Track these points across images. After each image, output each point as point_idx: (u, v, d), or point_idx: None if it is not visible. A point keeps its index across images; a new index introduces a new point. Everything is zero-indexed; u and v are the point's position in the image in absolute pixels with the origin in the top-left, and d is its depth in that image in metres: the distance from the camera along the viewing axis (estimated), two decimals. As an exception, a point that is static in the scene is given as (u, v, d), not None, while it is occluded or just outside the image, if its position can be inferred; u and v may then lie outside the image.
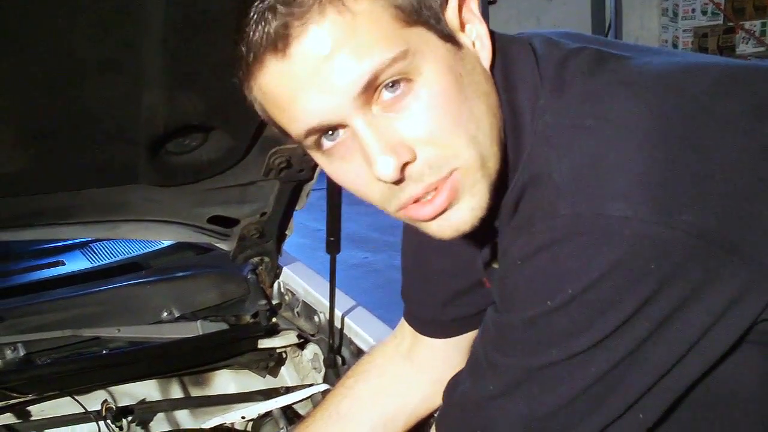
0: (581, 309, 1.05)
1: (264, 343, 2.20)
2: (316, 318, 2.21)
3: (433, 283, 1.49)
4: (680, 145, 1.03)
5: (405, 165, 1.05)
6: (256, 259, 2.33)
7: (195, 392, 2.18)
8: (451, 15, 1.09)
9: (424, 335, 1.55)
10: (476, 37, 1.12)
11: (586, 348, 1.06)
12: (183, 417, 2.12)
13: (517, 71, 1.14)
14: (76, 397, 1.98)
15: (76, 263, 2.37)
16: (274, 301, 2.33)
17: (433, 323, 1.53)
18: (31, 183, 1.91)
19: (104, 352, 2.08)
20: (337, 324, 2.12)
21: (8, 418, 1.94)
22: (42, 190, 1.93)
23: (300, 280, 2.30)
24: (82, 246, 2.43)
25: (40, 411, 1.98)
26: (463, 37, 1.11)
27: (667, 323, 1.05)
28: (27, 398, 1.94)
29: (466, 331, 1.51)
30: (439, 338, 1.54)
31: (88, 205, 1.99)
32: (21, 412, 1.96)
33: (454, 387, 1.26)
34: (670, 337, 1.06)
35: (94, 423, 1.91)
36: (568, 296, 1.05)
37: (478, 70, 1.11)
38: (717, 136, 1.05)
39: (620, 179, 1.03)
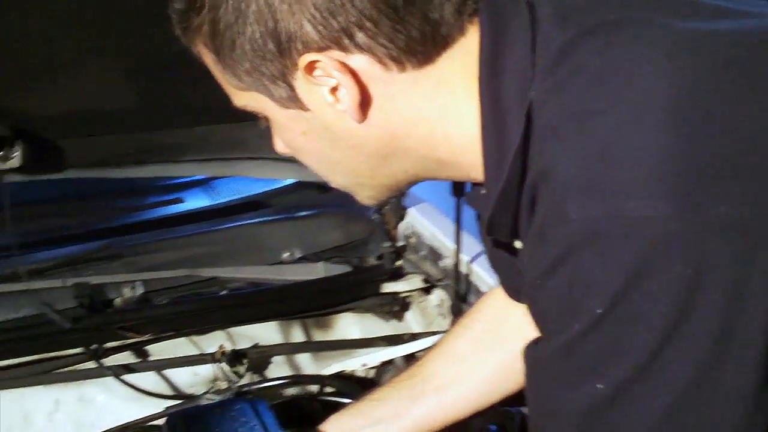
0: (614, 328, 0.89)
1: (388, 287, 2.11)
2: (442, 262, 2.09)
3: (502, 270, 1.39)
4: (705, 121, 0.88)
5: None
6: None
7: (316, 335, 2.10)
8: (298, 79, 1.01)
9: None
10: (343, 95, 1.01)
11: (633, 375, 0.90)
12: (303, 360, 2.05)
13: (506, 57, 0.99)
14: (194, 339, 1.93)
15: (195, 201, 2.31)
16: (399, 244, 2.22)
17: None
18: (144, 119, 1.86)
19: (223, 292, 2.01)
20: (464, 269, 2.01)
21: (126, 357, 1.90)
22: (155, 127, 1.88)
23: (426, 222, 2.18)
24: (203, 183, 2.36)
25: (157, 351, 1.94)
26: (312, 98, 1.03)
27: (722, 331, 0.88)
28: (144, 338, 1.89)
29: None
30: None
31: (203, 143, 1.93)
32: (138, 351, 1.92)
33: None
34: (733, 347, 0.88)
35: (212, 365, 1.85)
36: (596, 316, 0.89)
37: (337, 127, 1.05)
38: (748, 109, 0.89)
39: (636, 170, 0.87)
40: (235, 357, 1.85)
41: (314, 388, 1.93)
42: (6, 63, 1.65)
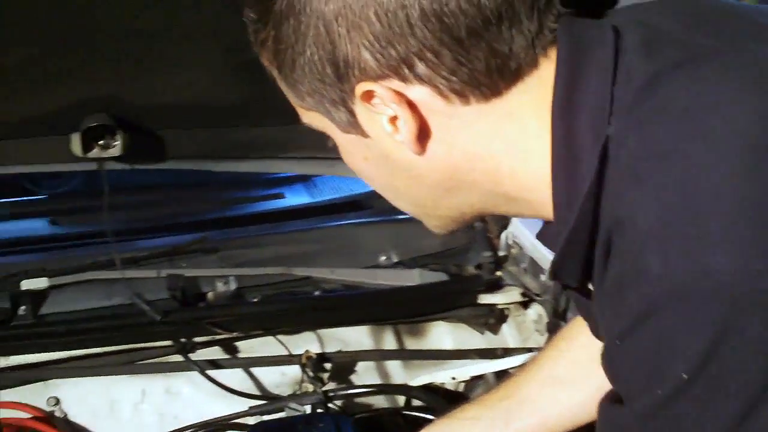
0: (700, 392, 0.81)
1: (485, 298, 2.04)
2: (542, 276, 2.02)
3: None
4: None
5: None
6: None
7: (409, 342, 2.06)
8: (357, 105, 0.95)
9: None
10: (402, 125, 0.94)
11: None
12: (393, 368, 2.00)
13: (583, 90, 0.90)
14: (282, 339, 1.91)
15: (296, 197, 2.29)
16: (500, 254, 2.15)
17: None
18: (247, 114, 1.85)
19: (316, 293, 1.99)
20: (564, 286, 1.93)
21: (213, 353, 1.89)
22: (258, 123, 1.86)
23: (529, 233, 2.10)
24: (304, 180, 2.34)
25: (245, 348, 1.92)
26: (371, 126, 0.97)
27: None
28: (233, 335, 1.88)
29: None
30: None
31: (305, 140, 1.89)
32: (227, 347, 1.91)
33: None
34: None
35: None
36: (681, 380, 0.81)
37: (397, 156, 0.99)
38: None
39: (720, 218, 0.79)
40: (319, 362, 1.82)
41: (400, 399, 1.88)
42: (109, 53, 1.65)
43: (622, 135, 0.86)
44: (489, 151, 0.96)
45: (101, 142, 1.81)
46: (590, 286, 1.02)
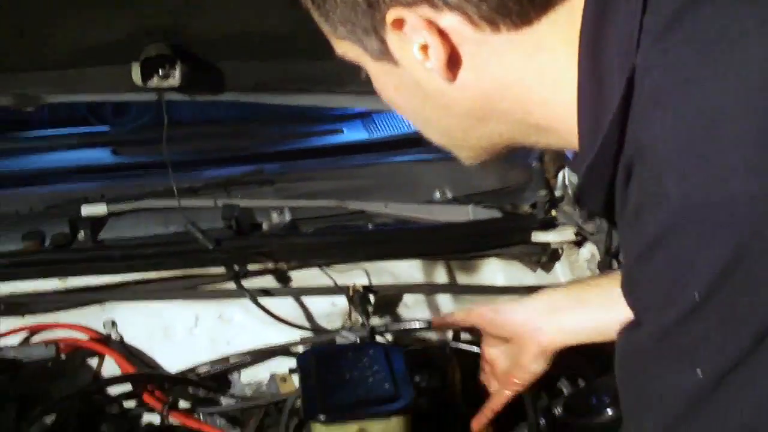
0: (714, 314, 0.81)
1: (539, 237, 2.04)
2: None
3: None
4: None
5: None
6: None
7: (461, 278, 2.06)
8: (389, 33, 0.96)
9: None
10: (432, 53, 0.94)
11: (735, 363, 0.81)
12: (443, 302, 2.02)
13: (612, 21, 0.89)
14: (333, 271, 1.93)
15: (354, 133, 2.30)
16: (556, 193, 2.14)
17: None
18: (306, 47, 1.84)
19: (369, 227, 2.00)
20: (618, 225, 1.91)
21: (266, 282, 1.92)
22: (316, 56, 1.86)
23: (585, 172, 2.09)
24: (364, 116, 2.35)
25: (297, 279, 1.95)
26: (402, 54, 0.97)
27: None
28: (286, 265, 1.91)
29: None
30: None
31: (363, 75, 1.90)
32: (279, 277, 1.94)
33: None
34: None
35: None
36: (694, 301, 0.81)
37: (427, 85, 0.99)
38: None
39: (739, 144, 0.78)
40: (367, 295, 1.84)
41: (449, 334, 1.89)
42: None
43: (648, 65, 0.86)
44: (519, 80, 0.96)
45: (160, 72, 1.83)
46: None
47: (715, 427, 0.85)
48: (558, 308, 1.52)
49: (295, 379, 1.73)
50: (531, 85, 0.96)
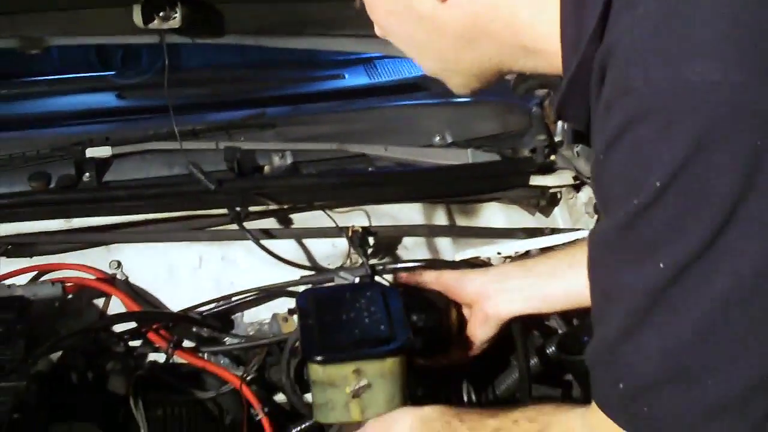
0: (674, 203, 0.84)
1: (537, 180, 2.06)
2: (595, 159, 2.02)
3: None
4: None
5: None
6: (542, 92, 2.16)
7: (460, 221, 2.09)
8: None
9: None
10: None
11: (695, 255, 0.84)
12: (442, 244, 2.05)
13: None
14: (334, 213, 1.95)
15: (356, 78, 2.32)
16: (556, 138, 2.16)
17: None
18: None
19: (369, 169, 2.03)
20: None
21: (268, 224, 1.95)
22: (316, -2, 1.88)
23: (584, 117, 2.11)
24: (365, 62, 2.37)
25: (298, 220, 1.98)
26: None
27: None
28: (286, 206, 1.93)
29: None
30: None
31: (363, 17, 1.91)
32: (280, 218, 1.97)
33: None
34: None
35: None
36: (655, 189, 0.84)
37: (419, 7, 1.04)
38: None
39: (705, 32, 0.81)
40: (366, 236, 1.87)
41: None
42: None
43: None
44: (507, 1, 0.98)
45: (161, 14, 1.85)
46: None
47: (676, 320, 0.89)
48: (508, 277, 1.58)
49: (296, 318, 1.77)
50: (519, 5, 1.00)
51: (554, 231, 1.98)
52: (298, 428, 1.60)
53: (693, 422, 0.92)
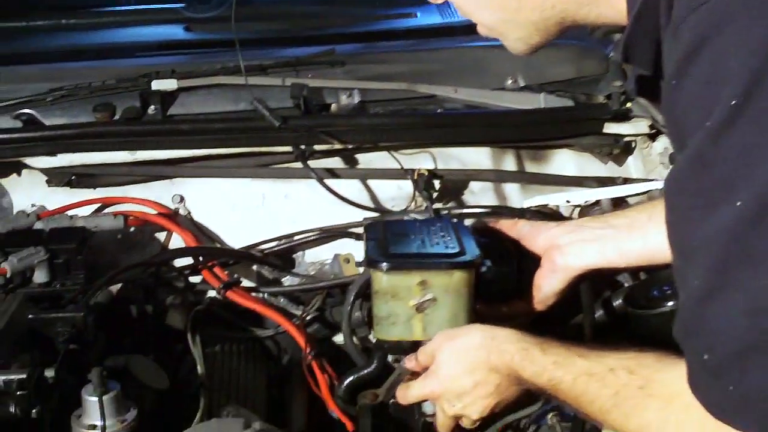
0: (747, 123, 0.76)
1: (612, 128, 1.99)
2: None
3: None
4: None
5: None
6: (619, 36, 2.07)
7: (529, 167, 2.03)
8: None
9: None
10: None
11: None
12: (510, 191, 2.00)
13: None
14: (401, 154, 1.91)
15: (428, 17, 2.25)
16: (632, 84, 2.07)
17: None
18: None
19: (438, 111, 1.97)
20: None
21: (333, 163, 1.92)
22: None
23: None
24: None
25: (364, 161, 1.95)
26: None
27: None
28: (351, 146, 1.90)
29: None
30: None
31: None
32: (346, 158, 1.94)
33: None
34: None
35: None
36: (729, 109, 0.77)
37: None
38: None
39: None
40: (431, 179, 1.82)
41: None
42: None
43: None
44: None
45: (230, -55, 1.81)
46: None
47: (762, 272, 0.82)
48: (583, 228, 1.48)
49: (359, 259, 1.74)
50: None
51: (627, 181, 1.92)
52: (354, 375, 1.58)
53: None
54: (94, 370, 1.34)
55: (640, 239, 1.40)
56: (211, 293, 1.81)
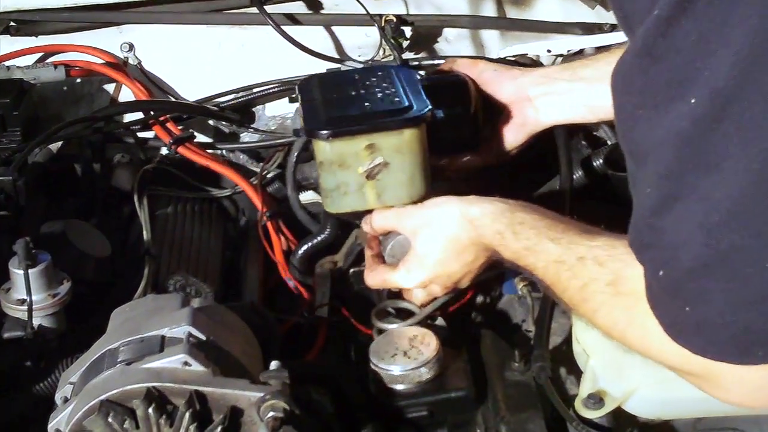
0: (707, 6, 0.67)
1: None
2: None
3: None
4: None
5: None
6: None
7: (510, 12, 1.87)
8: None
9: None
10: None
11: (731, 84, 0.67)
12: (488, 38, 1.84)
13: None
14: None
15: None
16: None
17: None
18: None
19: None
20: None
21: (293, 7, 1.76)
22: None
23: None
24: None
25: (327, 5, 1.78)
26: None
27: None
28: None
29: None
30: None
31: None
32: (308, 2, 1.78)
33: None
34: None
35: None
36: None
37: None
38: None
39: None
40: (399, 26, 1.67)
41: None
42: None
43: None
44: None
45: None
46: None
47: (719, 179, 0.72)
48: (553, 80, 1.38)
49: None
50: None
51: (614, 28, 1.76)
52: (308, 244, 1.47)
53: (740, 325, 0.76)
54: (18, 242, 1.24)
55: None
56: (164, 151, 1.69)
